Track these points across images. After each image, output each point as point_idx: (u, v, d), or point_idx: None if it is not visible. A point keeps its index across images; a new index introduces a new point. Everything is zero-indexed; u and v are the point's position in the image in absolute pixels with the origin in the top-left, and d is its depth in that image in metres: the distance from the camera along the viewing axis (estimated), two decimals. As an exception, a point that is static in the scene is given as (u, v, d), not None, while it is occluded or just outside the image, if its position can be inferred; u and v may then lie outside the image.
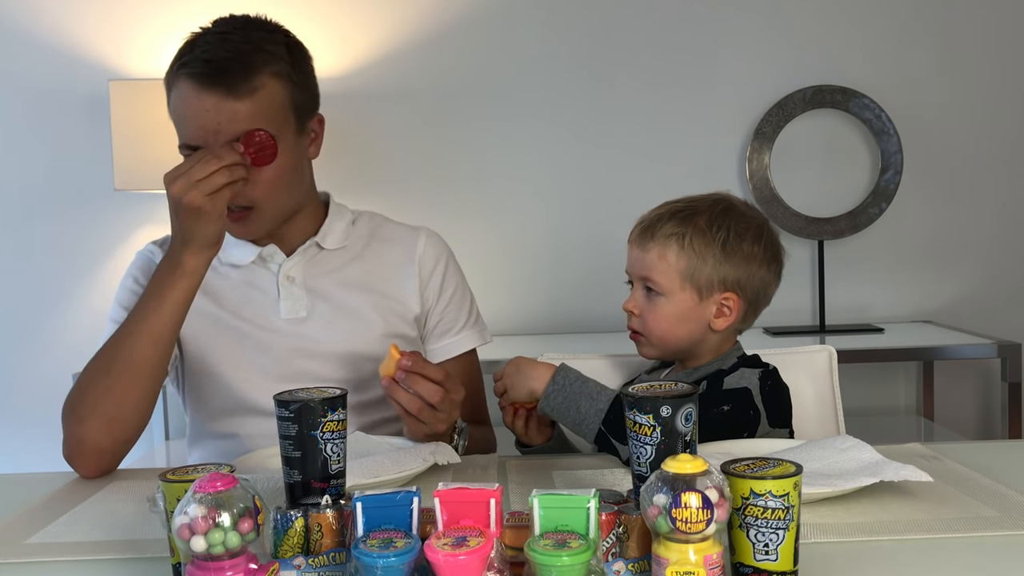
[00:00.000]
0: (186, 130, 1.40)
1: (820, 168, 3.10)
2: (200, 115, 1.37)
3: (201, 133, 1.37)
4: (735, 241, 1.42)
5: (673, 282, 1.42)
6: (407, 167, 3.05)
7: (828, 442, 1.23)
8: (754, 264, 1.43)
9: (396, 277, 1.57)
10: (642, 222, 1.48)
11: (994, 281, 3.13)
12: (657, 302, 1.43)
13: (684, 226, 1.42)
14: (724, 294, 1.42)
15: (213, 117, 1.37)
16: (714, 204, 1.46)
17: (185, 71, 1.38)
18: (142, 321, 1.33)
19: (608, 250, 3.10)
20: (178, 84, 1.39)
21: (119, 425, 1.34)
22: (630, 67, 3.06)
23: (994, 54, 3.09)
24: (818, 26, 3.07)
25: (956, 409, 3.13)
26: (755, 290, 1.44)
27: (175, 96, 1.41)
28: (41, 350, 3.05)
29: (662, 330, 1.43)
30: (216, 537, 0.78)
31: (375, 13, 3.02)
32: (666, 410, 0.87)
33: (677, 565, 0.78)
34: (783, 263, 1.48)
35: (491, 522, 0.81)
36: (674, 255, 1.41)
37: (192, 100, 1.37)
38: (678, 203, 1.47)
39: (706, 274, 1.41)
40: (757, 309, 1.47)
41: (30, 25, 2.99)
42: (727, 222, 1.43)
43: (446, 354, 1.60)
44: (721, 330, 1.44)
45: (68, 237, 3.03)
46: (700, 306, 1.42)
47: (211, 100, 1.36)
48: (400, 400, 1.30)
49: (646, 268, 1.43)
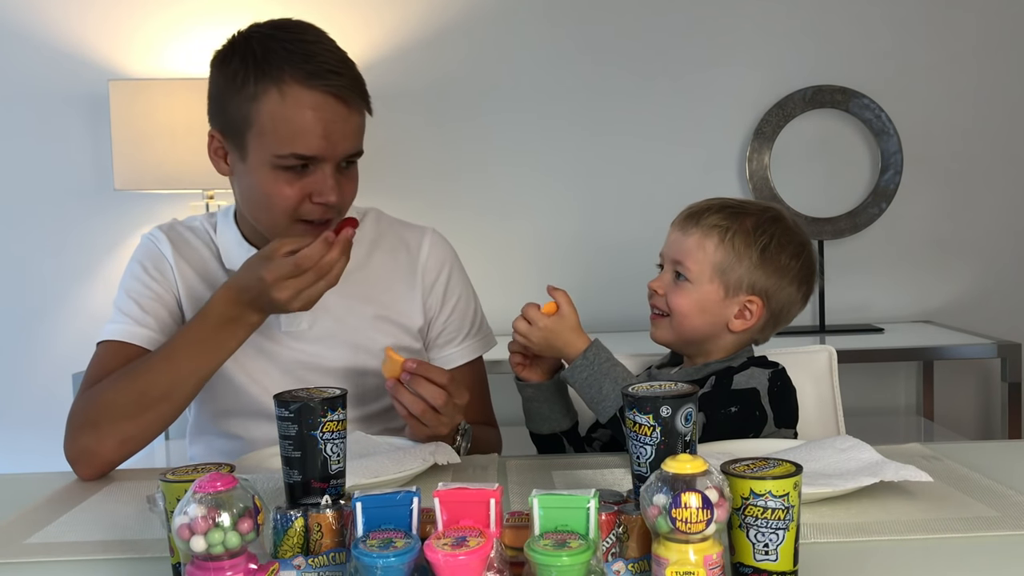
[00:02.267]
0: (306, 141, 1.32)
1: (820, 168, 3.10)
2: (327, 127, 1.33)
3: (323, 145, 1.33)
4: (775, 250, 1.42)
5: (704, 272, 1.42)
6: (407, 167, 3.05)
7: (828, 442, 1.23)
8: (786, 278, 1.43)
9: (399, 288, 1.55)
10: (690, 208, 1.48)
11: (994, 281, 3.13)
12: (683, 287, 1.44)
13: (730, 221, 1.43)
14: (749, 297, 1.42)
15: (339, 128, 1.34)
16: (764, 211, 1.47)
17: (312, 83, 1.31)
18: (193, 360, 1.32)
19: (609, 248, 3.11)
20: (294, 91, 1.32)
21: (133, 444, 1.34)
22: (630, 67, 3.06)
23: (994, 54, 3.09)
24: (818, 26, 3.07)
25: (956, 409, 3.13)
26: (780, 303, 1.44)
27: (289, 106, 1.32)
28: (41, 350, 3.05)
29: (681, 314, 1.44)
30: (216, 537, 0.78)
31: (375, 13, 3.02)
32: (666, 410, 0.87)
33: (677, 565, 0.78)
34: (813, 288, 1.48)
35: (491, 522, 0.81)
36: (713, 246, 1.42)
37: (324, 111, 1.32)
38: (730, 200, 1.48)
39: (738, 274, 1.42)
40: (777, 323, 1.47)
41: (30, 25, 2.99)
42: (772, 230, 1.43)
43: (449, 364, 1.57)
44: (737, 331, 1.44)
45: (68, 237, 3.03)
46: (723, 302, 1.43)
47: (340, 113, 1.34)
48: (404, 401, 1.30)
49: (682, 252, 1.44)
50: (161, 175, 2.74)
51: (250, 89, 1.33)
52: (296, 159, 1.33)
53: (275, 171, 1.34)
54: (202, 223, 1.57)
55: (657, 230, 3.28)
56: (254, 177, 1.37)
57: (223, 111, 1.38)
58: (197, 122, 2.65)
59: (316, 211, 1.37)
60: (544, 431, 1.49)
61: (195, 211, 2.85)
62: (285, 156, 1.33)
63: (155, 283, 1.48)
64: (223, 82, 1.37)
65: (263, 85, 1.32)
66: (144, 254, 1.52)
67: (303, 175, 1.35)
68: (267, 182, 1.35)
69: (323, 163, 1.35)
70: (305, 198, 1.36)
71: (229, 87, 1.36)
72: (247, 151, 1.36)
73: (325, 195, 1.35)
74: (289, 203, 1.35)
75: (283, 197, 1.35)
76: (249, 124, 1.34)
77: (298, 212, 1.37)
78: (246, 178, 1.38)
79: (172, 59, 2.97)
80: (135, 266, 1.51)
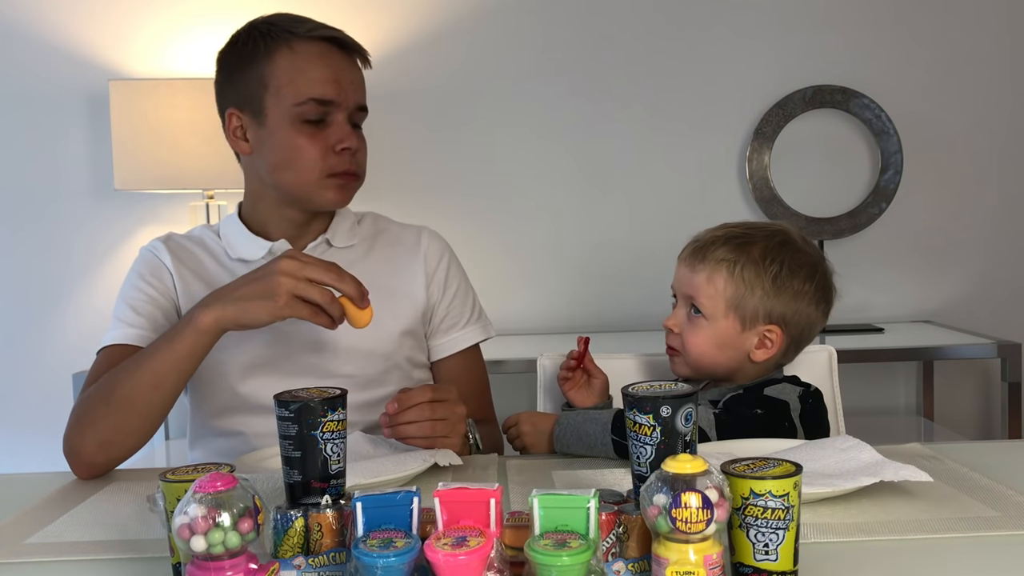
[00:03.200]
0: (321, 86, 1.43)
1: (820, 168, 3.10)
2: (337, 73, 1.45)
3: (335, 89, 1.44)
4: (787, 276, 1.40)
5: (718, 307, 1.41)
6: (407, 166, 3.05)
7: (828, 442, 1.23)
8: (803, 302, 1.41)
9: (404, 274, 1.59)
10: (696, 241, 1.46)
11: (994, 281, 3.13)
12: (699, 323, 1.42)
13: (737, 253, 1.41)
14: (768, 326, 1.41)
15: (347, 76, 1.46)
16: (771, 235, 1.44)
17: (317, 33, 1.45)
18: (145, 362, 1.30)
19: (608, 250, 3.11)
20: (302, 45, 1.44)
21: (114, 448, 1.33)
22: (630, 67, 3.06)
23: (994, 54, 3.09)
24: (818, 26, 3.07)
25: (956, 409, 3.13)
26: (800, 327, 1.43)
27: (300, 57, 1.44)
28: (41, 350, 3.05)
29: (699, 352, 1.43)
30: (216, 537, 0.78)
31: (375, 13, 3.02)
32: (666, 410, 0.87)
33: (677, 565, 0.78)
34: (832, 304, 1.46)
35: (491, 522, 0.81)
36: (723, 281, 1.40)
37: (332, 57, 1.46)
38: (735, 228, 1.45)
39: (752, 305, 1.40)
40: (799, 345, 1.46)
41: (30, 25, 2.99)
42: (782, 256, 1.41)
43: (452, 348, 1.62)
44: (760, 361, 1.43)
45: (68, 237, 3.03)
46: (742, 335, 1.41)
47: (345, 61, 1.47)
48: (411, 434, 1.29)
49: (693, 288, 1.42)
50: (161, 175, 2.73)
51: (261, 53, 1.45)
52: (315, 104, 1.43)
53: (296, 126, 1.43)
54: (202, 231, 1.61)
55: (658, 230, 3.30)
56: (277, 137, 1.45)
57: (236, 86, 1.48)
58: (197, 122, 2.67)
59: (339, 162, 1.45)
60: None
61: (195, 211, 2.86)
62: (304, 103, 1.43)
63: (151, 288, 1.51)
64: (233, 60, 1.48)
65: (274, 45, 1.44)
66: (142, 264, 1.55)
67: (322, 129, 1.44)
68: (290, 138, 1.44)
69: (337, 112, 1.45)
70: (328, 150, 1.44)
71: (239, 62, 1.47)
72: (266, 114, 1.45)
73: (345, 140, 1.44)
74: (313, 154, 1.44)
75: (307, 149, 1.43)
76: (265, 85, 1.44)
77: (323, 166, 1.44)
78: (269, 140, 1.45)
79: (172, 59, 2.97)
80: (133, 276, 1.54)
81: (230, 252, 1.54)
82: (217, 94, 1.53)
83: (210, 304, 1.26)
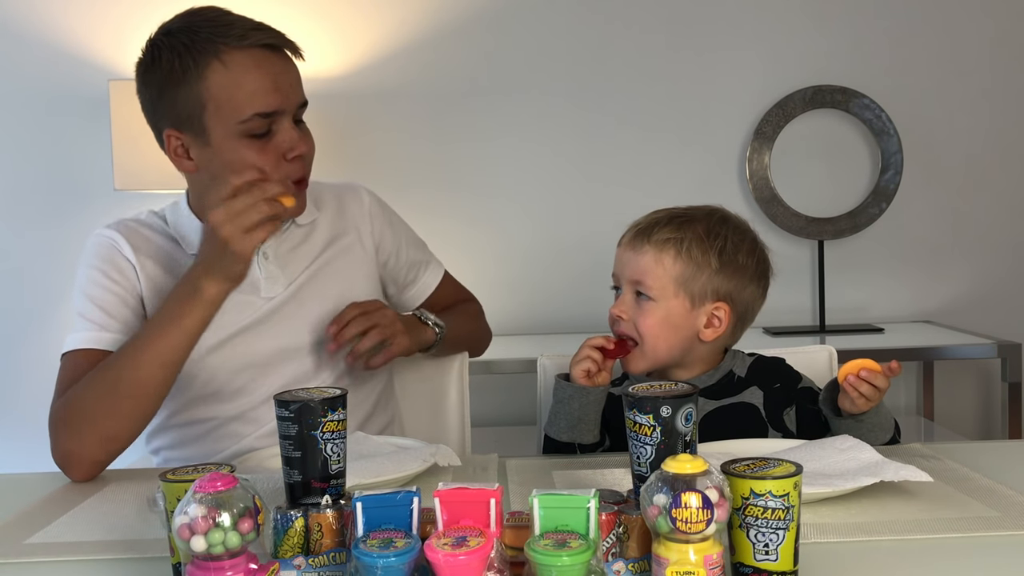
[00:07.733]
0: (262, 98, 1.36)
1: (820, 168, 3.10)
2: (275, 79, 1.37)
3: (277, 97, 1.37)
4: (731, 251, 1.41)
5: (667, 287, 1.40)
6: (406, 166, 3.05)
7: (828, 442, 1.23)
8: (746, 277, 1.43)
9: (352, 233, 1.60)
10: (637, 225, 1.46)
11: (994, 281, 3.13)
12: (647, 307, 1.42)
13: (682, 231, 1.41)
14: (716, 304, 1.41)
15: (286, 79, 1.39)
16: (711, 213, 1.46)
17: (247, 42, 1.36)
18: (153, 344, 1.30)
19: (608, 250, 3.11)
20: (234, 56, 1.35)
21: (116, 442, 1.33)
22: (630, 68, 3.06)
23: (994, 54, 3.09)
24: (818, 26, 3.07)
25: (956, 409, 3.13)
26: (745, 303, 1.44)
27: (234, 71, 1.35)
28: (41, 350, 3.04)
29: (654, 335, 1.41)
30: (216, 537, 0.78)
31: (375, 13, 3.02)
32: (666, 410, 0.87)
33: (677, 565, 0.78)
34: (769, 282, 1.47)
35: (491, 522, 0.81)
36: (670, 260, 1.40)
37: (267, 64, 1.37)
38: (674, 209, 1.47)
39: (701, 282, 1.40)
40: (744, 324, 1.47)
41: (30, 25, 2.99)
42: (724, 231, 1.42)
43: (427, 291, 1.68)
44: (709, 341, 1.43)
45: (68, 237, 3.03)
46: (691, 314, 1.41)
47: (280, 64, 1.39)
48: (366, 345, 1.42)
49: (639, 272, 1.42)
50: (161, 175, 2.72)
51: (192, 72, 1.36)
52: (259, 119, 1.36)
53: (241, 141, 1.37)
54: (150, 217, 1.57)
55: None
56: (224, 156, 1.38)
57: (172, 106, 1.39)
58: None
59: (293, 170, 1.41)
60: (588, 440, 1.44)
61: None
62: (248, 120, 1.36)
63: (116, 285, 1.47)
64: (161, 80, 1.39)
65: (204, 61, 1.35)
66: (101, 256, 1.50)
67: (267, 140, 1.38)
68: (238, 154, 1.37)
69: (282, 118, 1.39)
70: (279, 160, 1.39)
71: (169, 81, 1.38)
72: (208, 133, 1.38)
73: (296, 148, 1.39)
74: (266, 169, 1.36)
75: (258, 163, 1.37)
76: (203, 104, 1.37)
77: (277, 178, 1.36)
78: (215, 160, 1.40)
79: (172, 59, 2.97)
80: (92, 271, 1.49)
81: (187, 247, 1.49)
82: (146, 111, 1.45)
83: (202, 276, 1.29)
